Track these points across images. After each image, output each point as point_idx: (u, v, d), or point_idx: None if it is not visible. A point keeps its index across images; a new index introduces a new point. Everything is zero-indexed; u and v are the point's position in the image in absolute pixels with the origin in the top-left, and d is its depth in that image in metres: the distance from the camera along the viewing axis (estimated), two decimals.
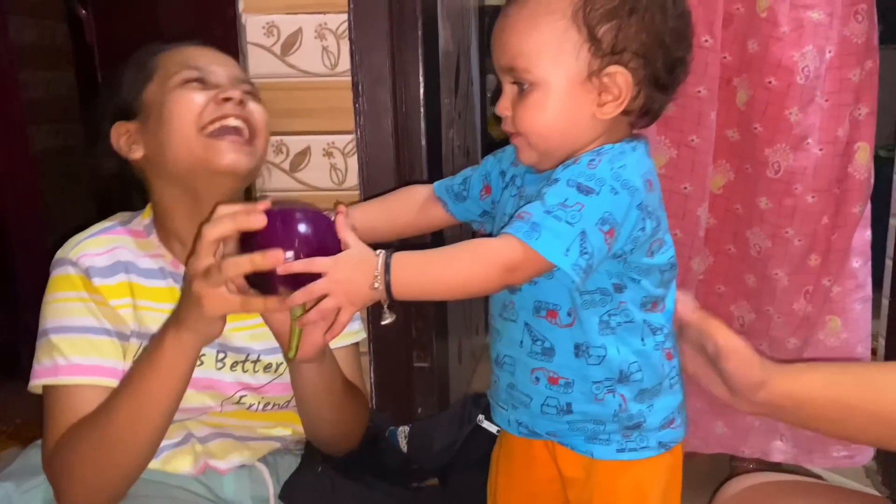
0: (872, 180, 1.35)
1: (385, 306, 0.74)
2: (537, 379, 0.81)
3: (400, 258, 0.71)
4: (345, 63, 1.20)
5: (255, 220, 0.73)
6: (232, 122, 0.88)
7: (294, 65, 1.21)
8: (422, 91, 1.28)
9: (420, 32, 1.25)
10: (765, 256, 1.35)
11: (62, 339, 0.86)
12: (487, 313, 0.89)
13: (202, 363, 0.91)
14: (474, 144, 2.09)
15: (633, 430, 0.82)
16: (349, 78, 1.21)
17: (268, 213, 0.74)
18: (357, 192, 1.24)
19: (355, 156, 1.23)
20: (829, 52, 1.26)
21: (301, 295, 0.70)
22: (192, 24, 1.32)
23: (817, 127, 1.28)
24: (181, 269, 0.94)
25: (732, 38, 1.28)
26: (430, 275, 0.72)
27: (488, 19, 2.17)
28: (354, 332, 1.04)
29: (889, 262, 1.48)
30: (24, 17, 2.26)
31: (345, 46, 1.20)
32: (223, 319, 0.79)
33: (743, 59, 1.28)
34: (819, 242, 1.34)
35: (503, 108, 0.78)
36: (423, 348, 1.36)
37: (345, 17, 1.18)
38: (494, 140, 2.30)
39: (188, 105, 0.88)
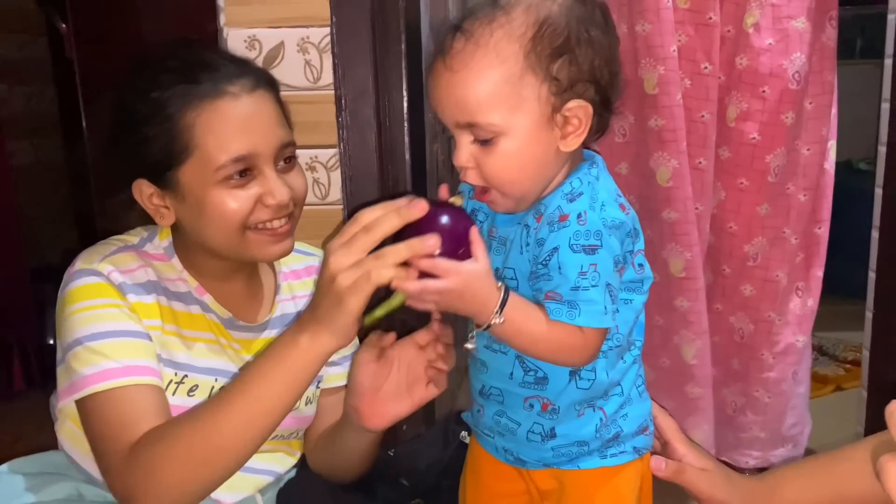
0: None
1: (475, 330, 0.76)
2: (531, 406, 0.82)
3: (514, 302, 0.74)
4: (328, 77, 1.20)
5: (418, 209, 0.72)
6: (276, 224, 0.87)
7: (276, 79, 1.20)
8: (405, 105, 1.27)
9: (403, 46, 1.25)
10: (764, 263, 1.42)
11: (104, 344, 0.81)
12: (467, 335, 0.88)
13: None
14: None
15: (612, 441, 0.83)
16: (332, 92, 1.20)
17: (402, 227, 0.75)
18: (340, 207, 1.23)
19: (338, 170, 1.22)
20: (811, 57, 1.37)
21: (417, 286, 0.71)
22: (173, 38, 1.30)
23: (804, 128, 1.39)
24: (206, 296, 0.92)
25: (725, 59, 1.36)
26: (531, 327, 0.74)
27: None
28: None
29: (872, 275, 1.49)
30: (2, 31, 2.23)
31: (327, 60, 1.19)
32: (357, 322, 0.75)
33: (733, 77, 1.36)
34: (808, 238, 1.45)
35: (464, 160, 0.75)
36: None
37: (327, 30, 1.18)
38: None
39: (233, 211, 0.84)
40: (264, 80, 0.89)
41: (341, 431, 0.96)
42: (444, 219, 0.73)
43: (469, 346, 0.79)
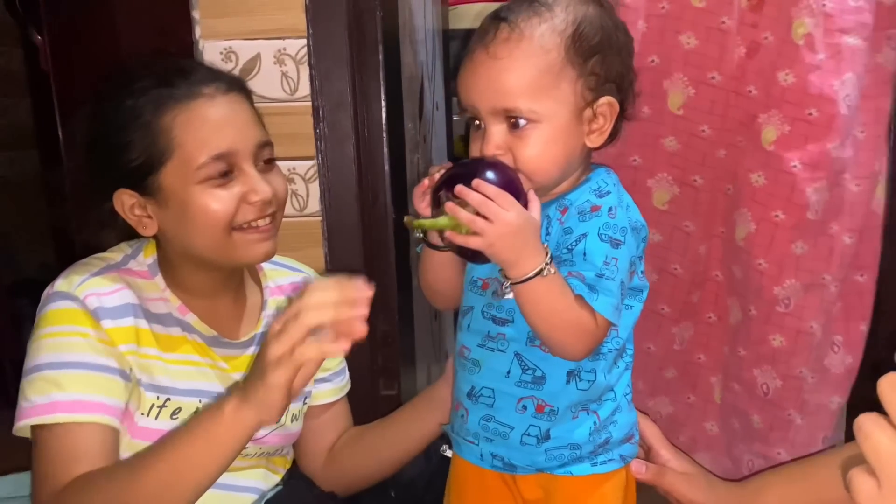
0: None
1: (508, 283, 0.76)
2: (524, 408, 0.82)
3: (555, 267, 0.75)
4: (305, 88, 1.19)
5: (359, 325, 0.71)
6: (261, 223, 0.86)
7: (253, 90, 1.18)
8: (384, 115, 1.27)
9: (381, 57, 1.24)
10: (797, 311, 1.18)
11: (61, 374, 0.80)
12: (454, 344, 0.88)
13: None
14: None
15: (602, 447, 0.84)
16: (309, 103, 1.19)
17: (471, 159, 0.78)
18: (319, 219, 1.22)
19: (317, 181, 1.22)
20: (864, 79, 1.16)
21: (475, 195, 0.71)
22: (149, 50, 1.29)
23: (853, 161, 1.17)
24: (189, 315, 0.91)
25: (759, 69, 1.14)
26: (561, 297, 0.75)
27: (453, 43, 2.18)
28: (346, 383, 1.08)
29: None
30: None
31: (304, 72, 1.18)
32: (286, 405, 0.74)
33: (772, 94, 1.14)
34: (849, 286, 1.22)
35: (495, 148, 0.78)
36: (389, 377, 1.33)
37: (304, 42, 1.17)
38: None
39: (217, 211, 0.84)
40: (237, 85, 0.90)
41: (424, 417, 1.00)
42: (504, 170, 0.76)
43: (509, 296, 0.78)
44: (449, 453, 0.96)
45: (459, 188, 0.72)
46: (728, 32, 1.12)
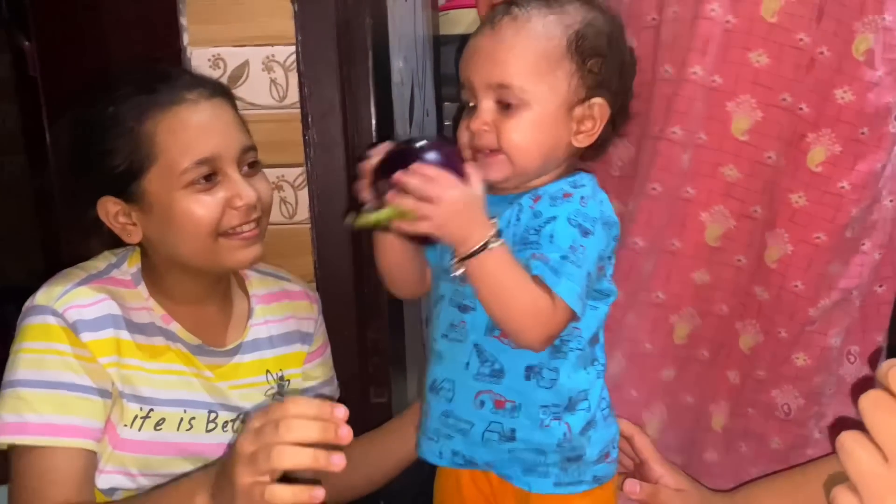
0: None
1: (456, 260, 0.75)
2: (482, 403, 0.80)
3: (503, 243, 0.74)
4: (293, 95, 1.18)
5: (342, 432, 0.65)
6: (246, 228, 0.86)
7: (241, 97, 1.18)
8: (374, 122, 1.26)
9: (371, 64, 1.24)
10: (822, 328, 1.12)
11: (33, 393, 0.80)
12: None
13: (191, 427, 0.87)
14: None
15: (572, 463, 0.81)
16: (298, 110, 1.19)
17: (411, 138, 0.77)
18: (308, 226, 1.22)
19: (306, 189, 1.21)
20: None
21: (415, 180, 0.71)
22: (136, 57, 1.29)
23: (890, 176, 1.10)
24: (173, 324, 0.90)
25: (813, 86, 1.03)
26: (513, 273, 0.74)
27: (444, 49, 2.19)
28: (334, 392, 1.07)
29: None
30: None
31: (293, 79, 1.18)
32: None
33: (826, 112, 1.04)
34: (868, 298, 1.17)
35: (482, 123, 0.79)
36: (380, 384, 1.33)
37: (293, 49, 1.17)
38: None
39: (202, 216, 0.83)
40: (220, 91, 0.90)
41: (392, 442, 1.00)
42: (440, 148, 0.76)
43: (456, 272, 0.77)
44: None
45: (398, 176, 0.72)
46: (804, 51, 0.99)
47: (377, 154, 0.80)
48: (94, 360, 0.83)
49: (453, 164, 0.76)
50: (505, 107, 0.79)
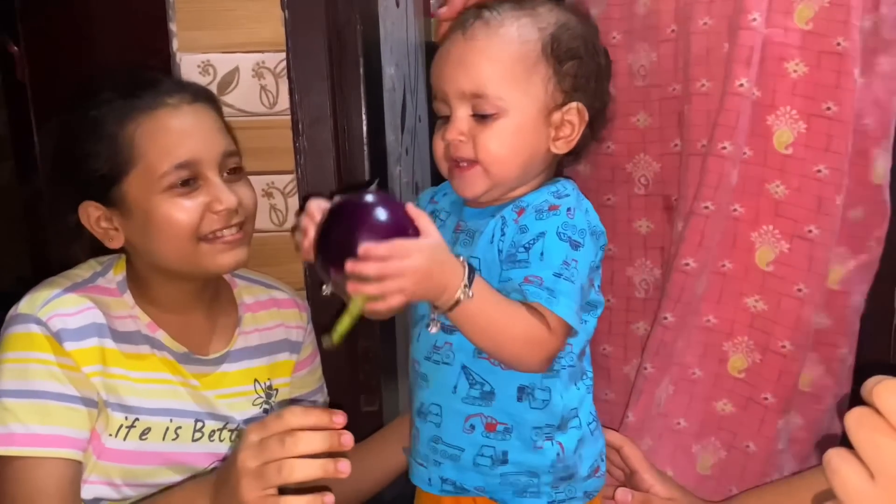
0: None
1: (434, 315, 0.73)
2: (472, 427, 0.78)
3: (480, 283, 0.70)
4: (284, 102, 1.18)
5: (345, 439, 0.66)
6: (227, 233, 0.85)
7: (231, 104, 1.17)
8: (365, 129, 1.26)
9: (362, 70, 1.24)
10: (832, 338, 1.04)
11: (19, 403, 0.79)
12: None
13: (177, 436, 0.86)
14: (424, 180, 2.07)
15: (564, 482, 0.80)
16: (289, 117, 1.18)
17: (343, 202, 0.71)
18: None
19: (296, 196, 1.20)
20: None
21: (369, 266, 0.65)
22: (125, 62, 1.28)
23: None
24: (159, 332, 0.89)
25: (874, 98, 0.98)
26: (498, 310, 0.70)
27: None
28: (323, 401, 1.07)
29: None
30: None
31: (283, 85, 1.17)
32: None
33: (886, 121, 0.98)
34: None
35: (457, 133, 0.76)
36: (370, 392, 1.32)
37: (283, 55, 1.16)
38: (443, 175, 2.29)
39: (181, 220, 0.83)
40: (203, 96, 0.90)
41: (378, 457, 0.99)
42: (378, 210, 0.69)
43: (433, 329, 0.76)
44: None
45: (349, 267, 0.65)
46: (845, 56, 0.93)
47: (315, 211, 0.74)
48: (78, 369, 0.82)
49: (395, 217, 0.69)
50: (480, 116, 0.76)
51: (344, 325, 0.69)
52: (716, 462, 1.05)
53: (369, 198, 0.71)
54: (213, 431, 0.89)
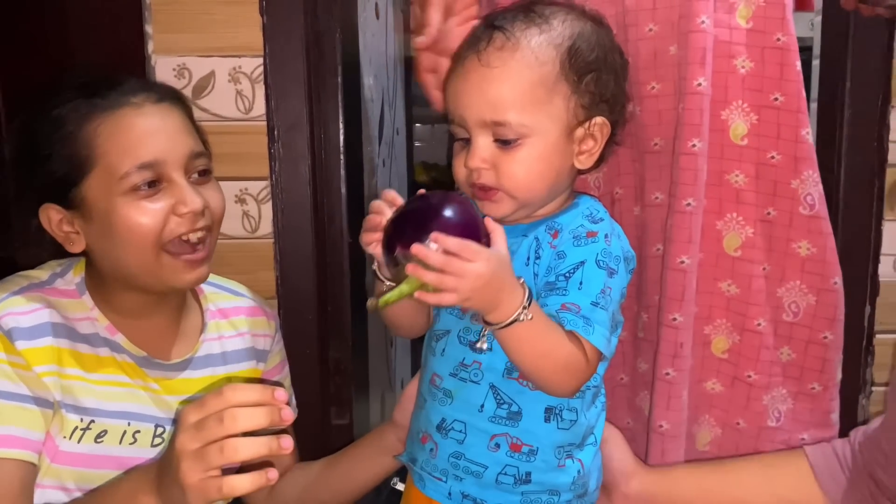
0: None
1: (485, 332, 0.72)
2: (497, 446, 0.77)
3: (535, 304, 0.70)
4: (260, 107, 1.17)
5: (288, 413, 0.63)
6: (192, 237, 0.82)
7: (206, 108, 1.16)
8: (342, 137, 1.25)
9: (340, 79, 1.23)
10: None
11: None
12: (414, 367, 0.85)
13: (135, 440, 0.83)
14: (400, 193, 2.07)
15: (580, 498, 0.80)
16: (264, 122, 1.17)
17: (428, 194, 0.71)
18: (271, 241, 1.19)
19: (270, 202, 1.19)
20: None
21: (435, 255, 0.65)
22: (99, 64, 1.26)
23: None
24: (118, 335, 0.86)
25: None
26: (547, 336, 0.70)
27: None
28: (294, 409, 1.03)
29: None
30: None
31: (260, 91, 1.16)
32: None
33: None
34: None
35: (480, 161, 0.74)
36: (341, 405, 1.30)
37: (260, 60, 1.15)
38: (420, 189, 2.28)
39: (144, 224, 0.79)
40: (170, 95, 0.87)
41: (369, 463, 0.95)
42: (459, 210, 0.69)
43: (483, 345, 0.74)
44: (400, 486, 0.93)
45: (416, 249, 0.65)
46: (786, 49, 1.00)
47: (387, 208, 0.74)
48: (30, 368, 0.79)
49: (472, 222, 0.69)
50: (503, 142, 0.74)
51: (393, 296, 0.68)
52: (713, 438, 1.09)
53: (454, 197, 0.71)
54: None
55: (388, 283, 0.74)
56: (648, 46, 1.01)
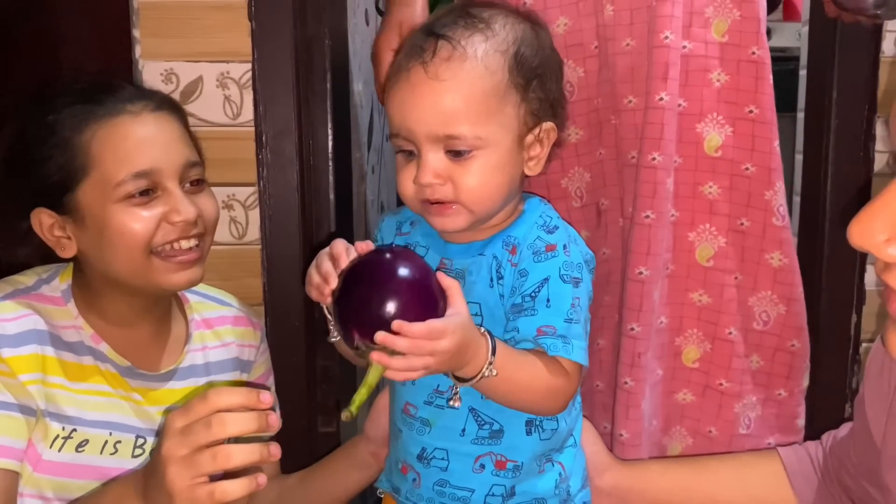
0: None
1: (456, 388, 0.71)
2: (482, 466, 0.76)
3: (501, 352, 0.69)
4: (248, 113, 1.16)
5: (274, 420, 0.63)
6: (184, 244, 0.82)
7: (194, 113, 1.15)
8: (330, 143, 1.24)
9: (329, 85, 1.23)
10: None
11: None
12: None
13: (116, 451, 0.82)
14: (389, 200, 2.06)
15: (565, 502, 0.80)
16: (252, 128, 1.16)
17: (372, 259, 0.69)
18: (258, 247, 1.18)
19: (257, 208, 1.18)
20: None
21: (402, 342, 0.63)
22: (86, 69, 1.25)
23: None
24: (102, 344, 0.85)
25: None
26: (522, 372, 0.70)
27: None
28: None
29: None
30: None
31: (248, 96, 1.16)
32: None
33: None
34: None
35: (433, 176, 0.71)
36: (328, 413, 1.29)
37: (248, 66, 1.14)
38: None
39: (136, 230, 0.79)
40: (168, 104, 0.87)
41: (340, 478, 0.95)
42: (405, 270, 0.67)
43: (456, 404, 0.73)
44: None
45: (381, 339, 0.63)
46: (760, 63, 1.02)
47: (342, 255, 0.71)
48: (14, 376, 0.78)
49: (428, 286, 0.68)
50: (455, 153, 0.71)
51: (362, 395, 0.67)
52: (684, 448, 1.10)
53: (400, 260, 0.69)
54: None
55: (334, 334, 0.74)
56: (626, 61, 1.02)
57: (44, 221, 0.83)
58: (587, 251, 0.78)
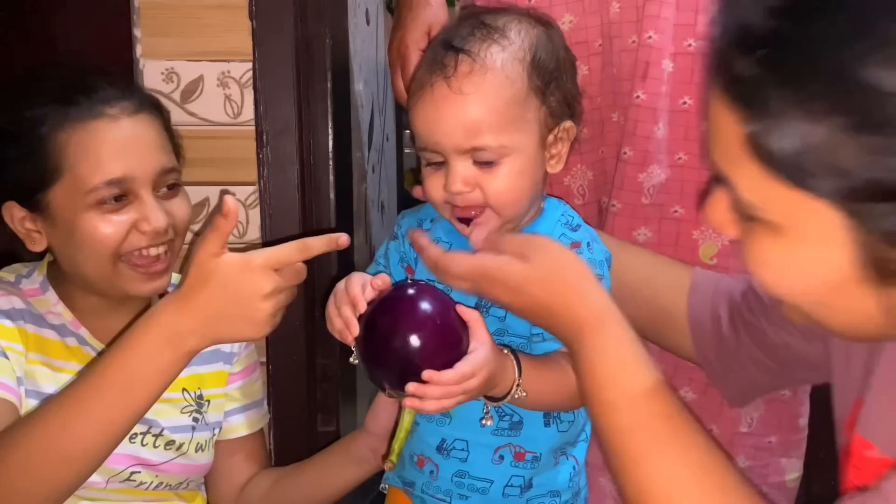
0: None
1: (488, 408, 0.73)
2: (501, 458, 0.78)
3: (527, 368, 0.72)
4: (248, 112, 1.16)
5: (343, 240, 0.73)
6: (153, 251, 0.82)
7: (194, 113, 1.16)
8: (331, 143, 1.25)
9: (329, 84, 1.23)
10: None
11: None
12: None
13: None
14: (390, 199, 2.07)
15: (577, 496, 0.82)
16: (253, 127, 1.16)
17: (392, 298, 0.70)
18: (259, 246, 1.18)
19: (258, 208, 1.18)
20: None
21: (434, 391, 0.67)
22: (87, 66, 1.25)
23: None
24: (82, 329, 0.86)
25: None
26: (548, 379, 0.72)
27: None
28: (263, 416, 1.02)
29: None
30: None
31: (249, 95, 1.16)
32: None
33: None
34: None
35: (462, 185, 0.73)
36: (328, 412, 1.29)
37: (249, 65, 1.14)
38: (410, 195, 2.29)
39: (104, 236, 0.80)
40: (148, 104, 0.86)
41: (337, 472, 0.94)
42: (425, 310, 0.69)
43: (488, 423, 0.75)
44: (387, 490, 0.92)
45: (413, 389, 0.66)
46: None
47: (358, 296, 0.72)
48: None
49: (451, 323, 0.70)
50: (483, 163, 0.74)
51: (400, 441, 0.70)
52: None
53: (419, 301, 0.71)
54: (136, 434, 0.86)
55: (355, 357, 0.75)
56: (632, 58, 1.02)
57: (14, 214, 0.83)
58: (606, 249, 0.80)
